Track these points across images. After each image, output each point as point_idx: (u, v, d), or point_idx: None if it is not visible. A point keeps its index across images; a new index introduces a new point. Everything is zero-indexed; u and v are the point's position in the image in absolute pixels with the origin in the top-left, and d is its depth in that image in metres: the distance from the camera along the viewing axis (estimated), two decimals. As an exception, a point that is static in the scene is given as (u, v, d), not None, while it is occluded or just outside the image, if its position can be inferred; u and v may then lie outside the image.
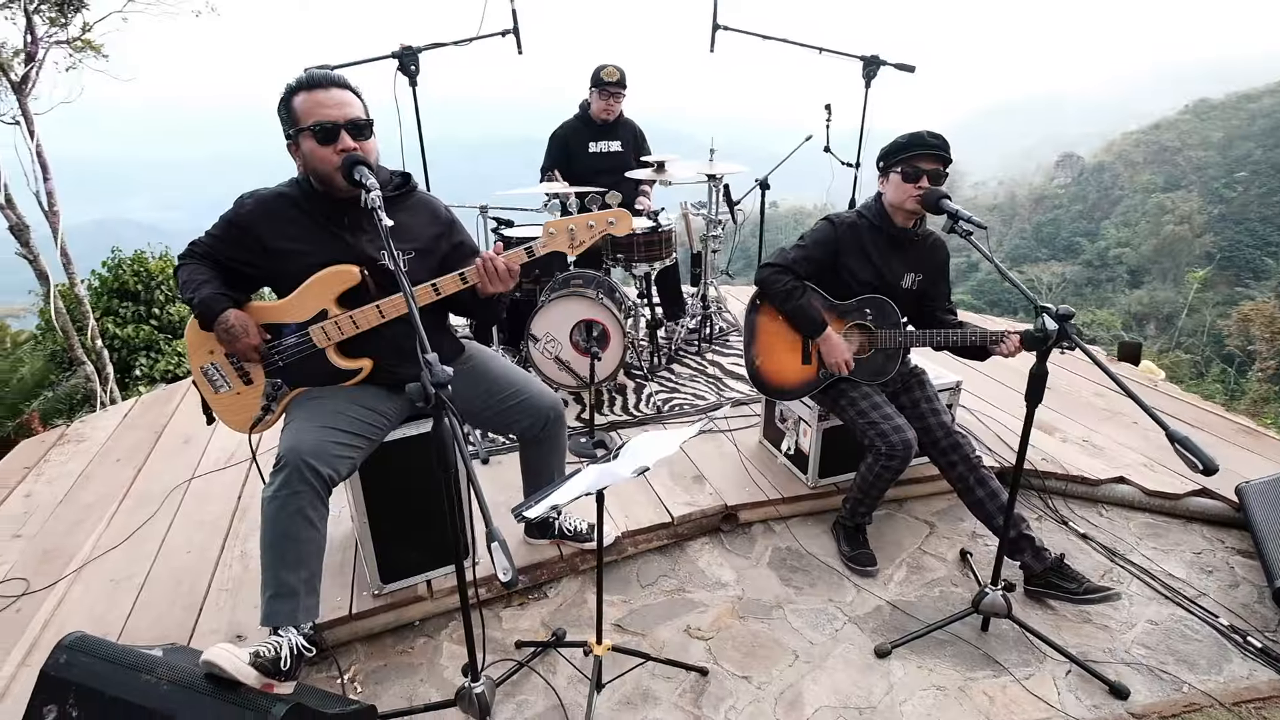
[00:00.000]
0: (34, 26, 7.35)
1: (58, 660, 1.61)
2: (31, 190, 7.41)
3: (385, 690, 2.08)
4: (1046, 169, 61.64)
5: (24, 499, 2.88)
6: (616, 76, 3.82)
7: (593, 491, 1.64)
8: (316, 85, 1.79)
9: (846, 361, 2.45)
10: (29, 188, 7.34)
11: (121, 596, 2.31)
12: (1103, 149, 57.24)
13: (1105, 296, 39.59)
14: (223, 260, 1.94)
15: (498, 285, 1.91)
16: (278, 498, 1.75)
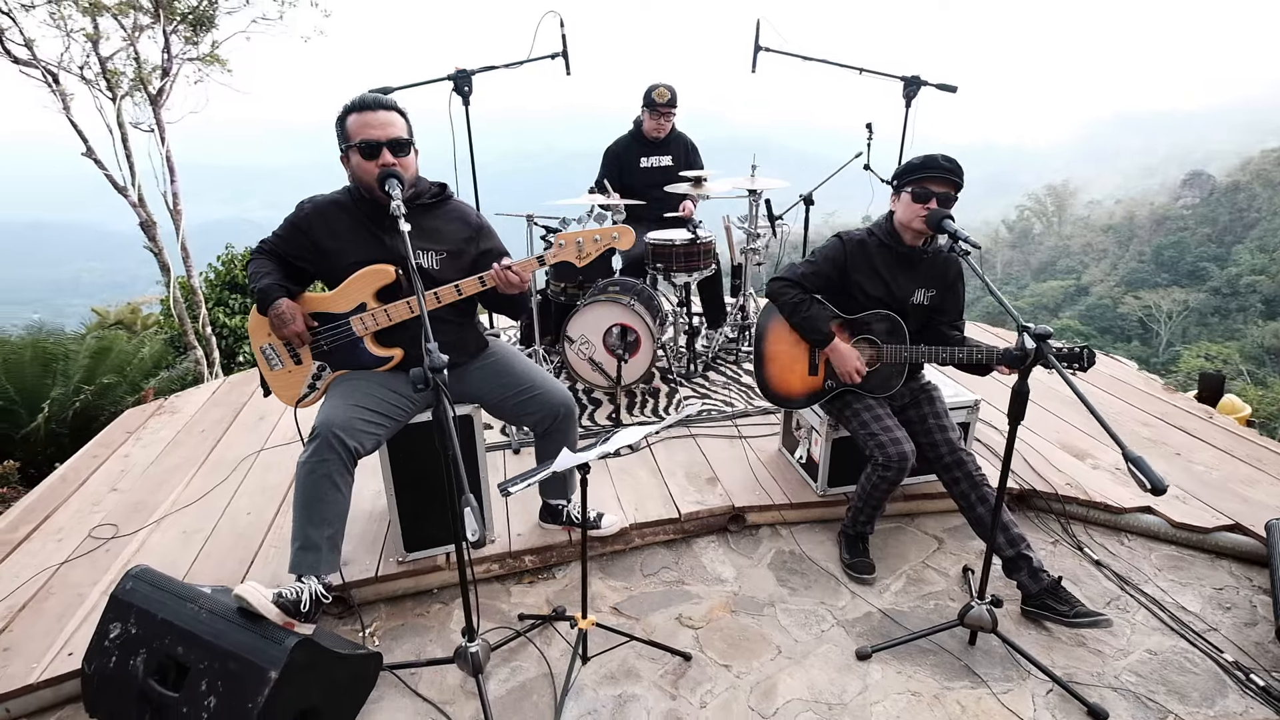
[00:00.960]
0: (170, 45, 8.24)
1: (125, 586, 1.92)
2: (160, 191, 8.28)
3: (399, 645, 2.32)
4: (1171, 188, 57.37)
5: (123, 459, 3.33)
6: (667, 98, 4.01)
7: (561, 470, 1.81)
8: (366, 107, 2.05)
9: (857, 369, 2.52)
10: (158, 189, 8.22)
11: (190, 545, 2.66)
12: (1238, 167, 52.75)
13: (1234, 328, 36.42)
14: (284, 256, 2.24)
15: (511, 290, 2.12)
16: (309, 464, 2.02)
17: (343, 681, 1.94)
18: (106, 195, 8.63)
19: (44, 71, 7.63)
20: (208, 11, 9.00)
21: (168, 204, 8.25)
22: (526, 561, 2.61)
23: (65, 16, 7.68)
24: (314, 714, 1.84)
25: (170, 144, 8.37)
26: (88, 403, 6.62)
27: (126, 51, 8.05)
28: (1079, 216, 55.25)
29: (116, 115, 8.07)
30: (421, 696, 2.11)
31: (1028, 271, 51.11)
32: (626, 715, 2.06)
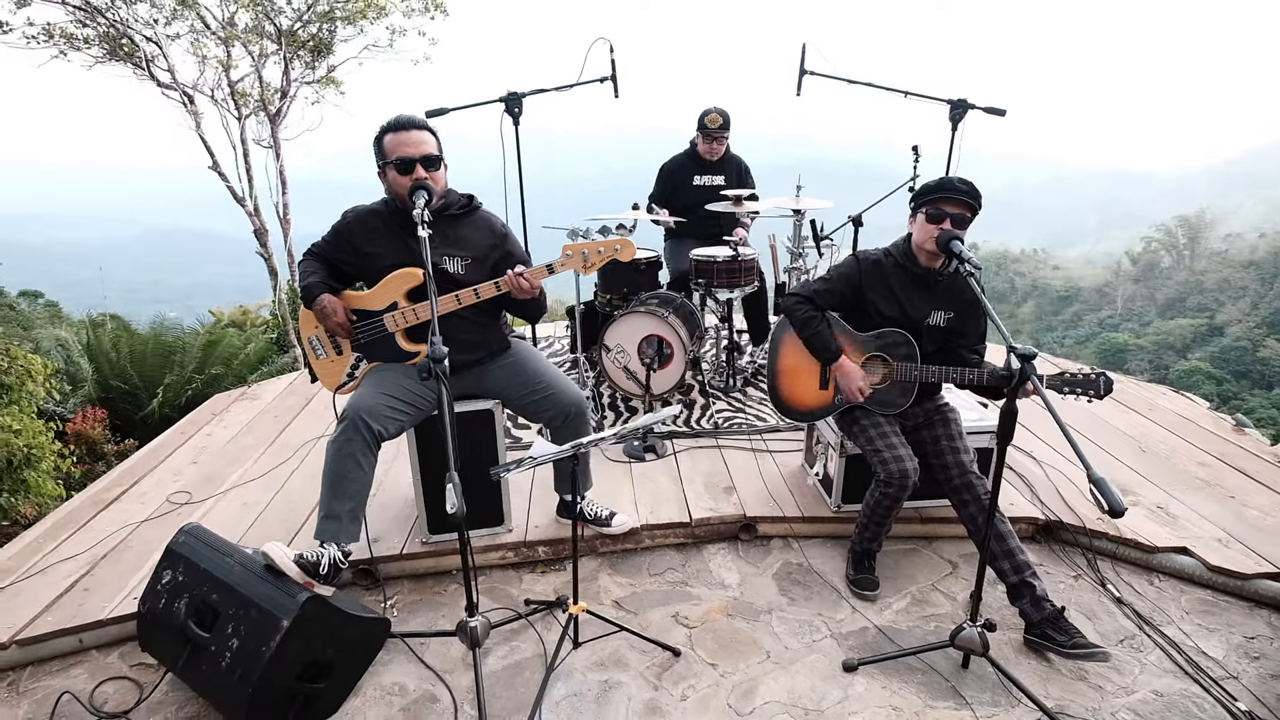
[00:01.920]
0: (289, 70, 9.05)
1: (178, 539, 2.21)
2: (273, 202, 9.08)
3: (414, 617, 2.52)
4: (1327, 223, 52.13)
5: (206, 437, 3.73)
6: (719, 123, 4.14)
7: (545, 460, 1.95)
8: (401, 128, 2.29)
9: (861, 389, 2.56)
10: (271, 200, 9.02)
11: (248, 514, 2.97)
12: (1405, 199, 47.15)
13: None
14: (329, 258, 2.51)
15: (522, 295, 2.31)
16: (337, 443, 2.26)
17: (352, 639, 2.15)
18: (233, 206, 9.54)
19: (182, 94, 8.56)
20: (326, 39, 9.83)
21: (278, 214, 9.02)
22: (540, 552, 2.77)
23: (202, 45, 8.60)
24: (324, 665, 2.05)
25: (285, 159, 9.17)
26: (197, 391, 7.34)
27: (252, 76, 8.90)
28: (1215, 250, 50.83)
29: (240, 133, 8.93)
30: (425, 664, 2.30)
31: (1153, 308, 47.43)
32: (609, 700, 2.17)
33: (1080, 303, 52.30)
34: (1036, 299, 55.11)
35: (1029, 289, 56.73)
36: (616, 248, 2.27)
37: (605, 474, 3.21)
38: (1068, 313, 51.81)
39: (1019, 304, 56.23)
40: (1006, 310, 56.14)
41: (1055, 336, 47.70)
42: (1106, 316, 49.23)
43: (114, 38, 8.16)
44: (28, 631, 2.33)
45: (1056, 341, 45.73)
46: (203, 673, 2.01)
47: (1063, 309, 52.62)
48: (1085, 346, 41.48)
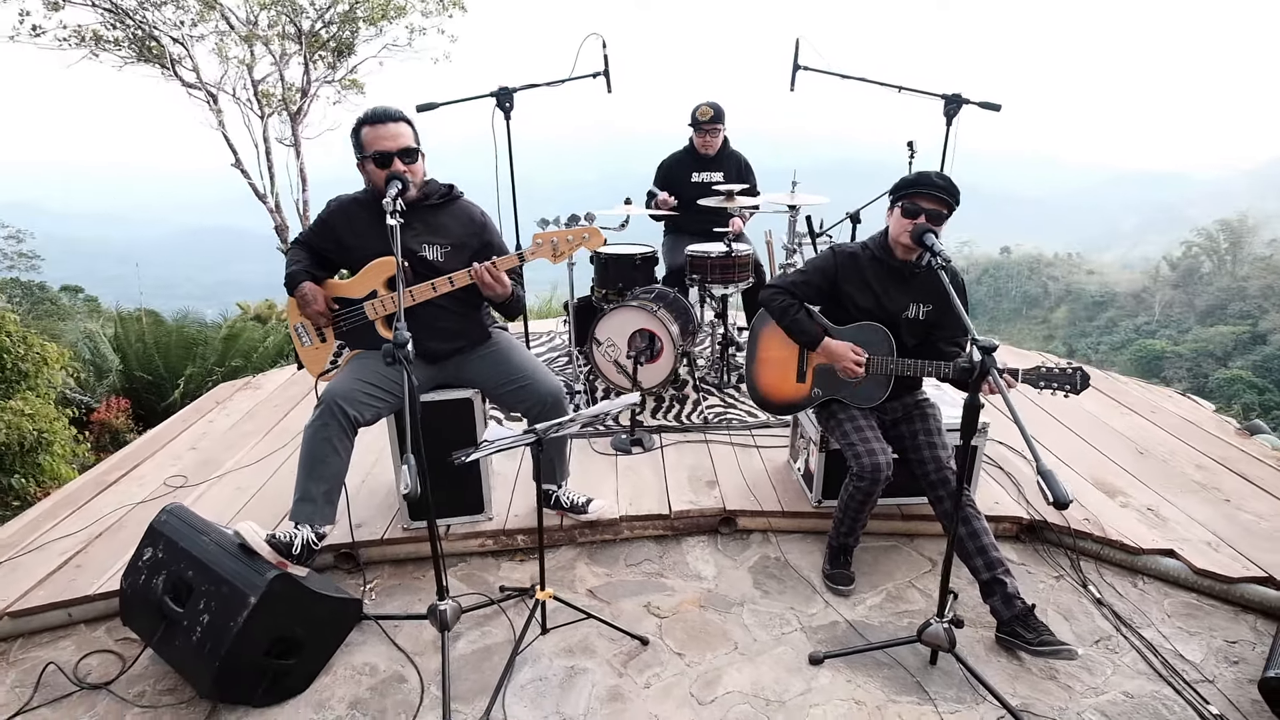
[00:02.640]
0: (310, 70, 9.25)
1: (160, 518, 2.28)
2: (294, 199, 9.28)
3: (391, 601, 2.56)
4: (1382, 229, 50.29)
5: (207, 423, 3.83)
6: (709, 115, 4.15)
7: (503, 447, 1.98)
8: (377, 120, 2.34)
9: (855, 362, 2.50)
10: (291, 196, 9.22)
11: (239, 499, 3.05)
12: None
13: None
14: (315, 247, 2.56)
15: (487, 288, 2.34)
16: (313, 427, 2.31)
17: (321, 618, 2.20)
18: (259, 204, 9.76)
19: (206, 93, 8.79)
20: (348, 40, 10.02)
21: (298, 210, 9.22)
22: (519, 540, 2.80)
23: (226, 46, 8.82)
24: (292, 642, 2.11)
25: (305, 157, 9.37)
26: (217, 382, 7.51)
27: (274, 75, 9.12)
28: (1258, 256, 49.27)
29: (263, 131, 9.15)
30: (397, 645, 2.34)
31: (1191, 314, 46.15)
32: (573, 686, 2.19)
33: (1116, 308, 51.10)
34: (1070, 304, 54.00)
35: (1063, 293, 55.60)
36: (585, 236, 2.29)
37: (590, 465, 3.23)
38: (1103, 318, 50.64)
39: (1052, 309, 55.15)
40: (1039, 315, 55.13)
41: (1090, 342, 46.64)
42: (1143, 323, 47.99)
43: (142, 39, 8.42)
44: (20, 604, 2.42)
45: (1091, 347, 44.69)
46: (176, 646, 2.08)
47: (1098, 314, 51.46)
48: (1121, 353, 40.47)
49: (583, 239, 2.30)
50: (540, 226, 2.48)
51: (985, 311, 58.67)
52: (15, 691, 2.21)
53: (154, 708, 2.12)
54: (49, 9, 7.96)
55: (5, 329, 4.09)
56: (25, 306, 11.14)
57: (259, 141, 9.01)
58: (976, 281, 61.29)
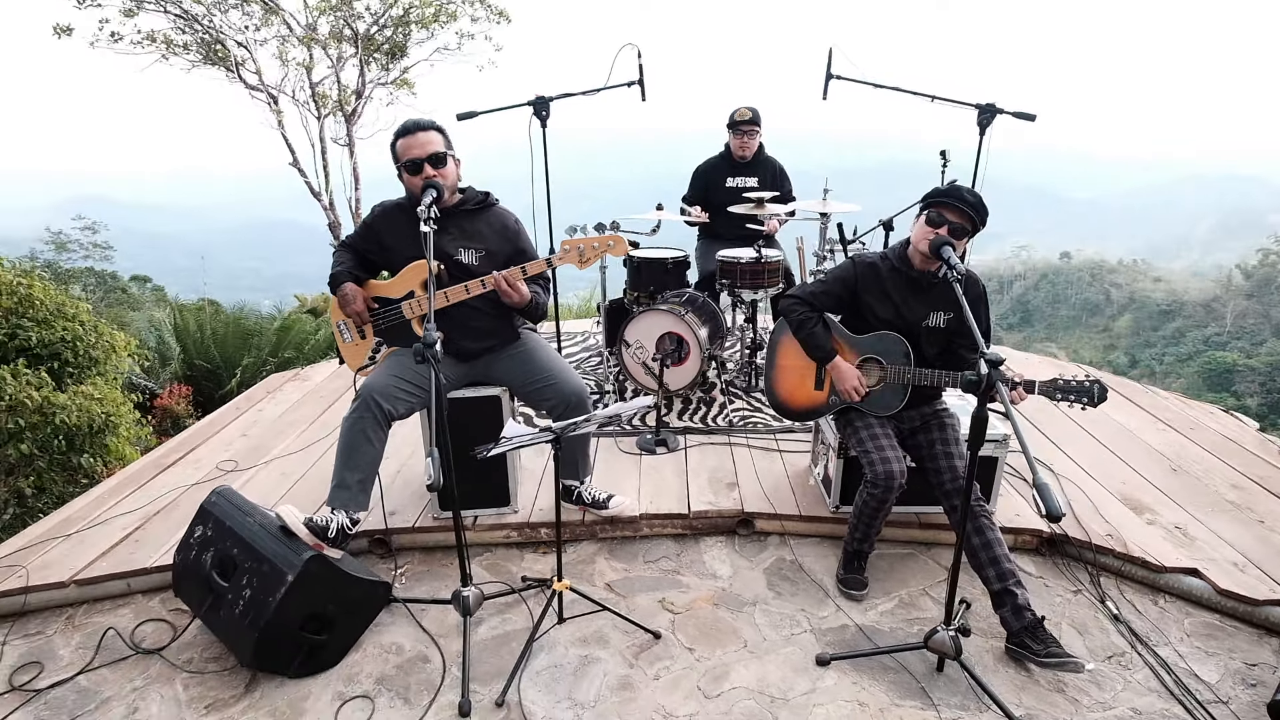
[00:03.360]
0: (364, 72, 9.58)
1: (210, 500, 2.46)
2: (346, 197, 9.62)
3: (418, 585, 2.70)
4: None
5: (258, 412, 4.06)
6: (748, 116, 4.20)
7: (521, 443, 2.08)
8: (409, 132, 2.48)
9: (855, 389, 2.58)
10: (345, 194, 9.57)
11: (284, 483, 3.23)
12: None
13: None
14: (359, 249, 2.72)
15: (505, 295, 2.46)
16: (350, 419, 2.47)
17: (353, 598, 2.34)
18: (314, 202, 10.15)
19: (268, 94, 9.19)
20: (401, 43, 10.33)
21: (351, 208, 9.56)
22: (542, 533, 2.91)
23: (286, 49, 9.20)
24: (325, 619, 2.26)
25: (359, 157, 9.71)
26: (271, 372, 7.86)
27: (331, 78, 9.47)
28: (1323, 264, 46.69)
29: (319, 131, 9.51)
30: (423, 627, 2.47)
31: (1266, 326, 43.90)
32: (586, 674, 2.29)
33: (1184, 318, 48.88)
34: (1134, 312, 51.91)
35: (1126, 301, 53.49)
36: (610, 243, 2.39)
37: (614, 463, 3.33)
38: (1169, 328, 48.51)
39: (1114, 317, 53.09)
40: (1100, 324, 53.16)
41: (1154, 353, 44.77)
42: (1213, 334, 45.79)
43: (209, 43, 8.84)
44: (85, 573, 2.63)
45: (1155, 359, 42.93)
46: (221, 617, 2.25)
47: (1163, 324, 49.32)
48: (1188, 365, 38.77)
49: (608, 246, 2.39)
50: (568, 233, 2.58)
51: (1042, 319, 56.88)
52: (79, 652, 2.41)
53: (200, 674, 2.30)
54: (125, 15, 8.45)
55: (79, 318, 4.39)
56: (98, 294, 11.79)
57: (315, 141, 9.38)
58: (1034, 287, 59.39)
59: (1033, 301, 58.90)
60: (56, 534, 2.91)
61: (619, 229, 2.38)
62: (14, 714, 2.19)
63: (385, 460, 2.61)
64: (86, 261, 12.85)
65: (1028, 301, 58.97)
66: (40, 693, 2.25)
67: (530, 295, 2.53)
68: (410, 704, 2.19)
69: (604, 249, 2.40)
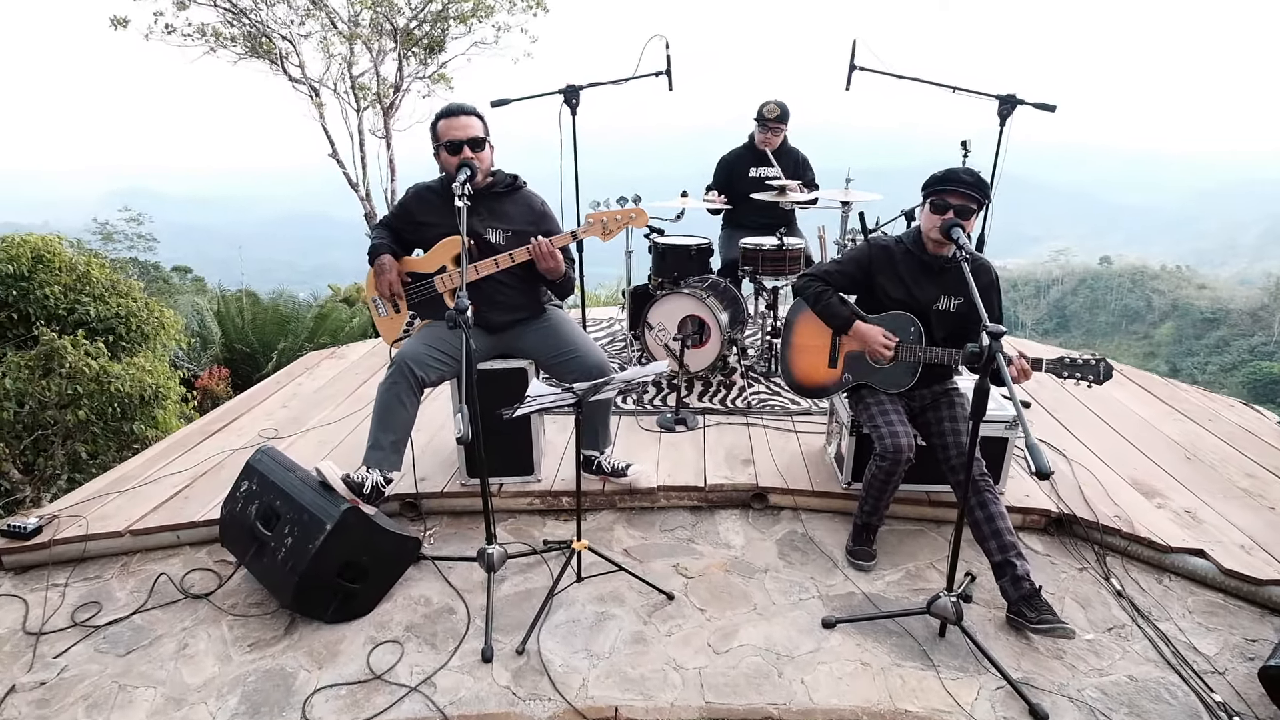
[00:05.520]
0: (403, 66, 9.82)
1: (256, 457, 2.63)
2: (383, 189, 9.88)
3: (446, 545, 2.86)
4: None
5: (297, 385, 4.26)
6: (776, 114, 4.29)
7: (544, 404, 2.21)
8: (451, 114, 2.62)
9: (884, 345, 2.62)
10: (381, 186, 9.82)
11: (322, 450, 3.41)
12: None
13: None
14: (395, 227, 2.88)
15: (546, 261, 2.59)
16: (386, 384, 2.63)
17: (385, 550, 2.50)
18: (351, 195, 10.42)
19: (310, 87, 9.47)
20: (439, 38, 10.56)
21: (386, 200, 9.81)
22: (564, 502, 3.05)
23: (329, 43, 9.48)
24: (359, 568, 2.41)
25: (395, 149, 9.97)
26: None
27: (371, 71, 9.73)
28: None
29: (358, 124, 9.79)
30: (449, 583, 2.62)
31: (1314, 334, 42.61)
32: (602, 629, 2.42)
33: (1229, 326, 47.51)
34: (1177, 320, 50.58)
35: (1168, 309, 52.13)
36: (631, 215, 2.52)
37: (634, 439, 3.45)
38: (1213, 337, 47.18)
39: (1156, 324, 51.81)
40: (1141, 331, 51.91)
41: (1197, 362, 43.60)
42: (1260, 343, 44.43)
43: (255, 36, 9.15)
44: (139, 525, 2.83)
45: (1198, 367, 41.81)
46: (264, 564, 2.42)
47: (1207, 333, 47.98)
48: (1232, 374, 37.71)
49: (630, 218, 2.52)
50: (592, 207, 2.71)
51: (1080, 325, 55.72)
52: (134, 595, 2.60)
53: (244, 617, 2.47)
54: (177, 8, 8.78)
55: (133, 295, 4.64)
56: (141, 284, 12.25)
57: (354, 133, 9.66)
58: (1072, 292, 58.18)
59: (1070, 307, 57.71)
60: (113, 490, 3.11)
61: (640, 202, 2.49)
62: (76, 646, 2.38)
63: (416, 433, 2.77)
64: (131, 252, 13.32)
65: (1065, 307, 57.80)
66: (99, 629, 2.45)
67: (565, 268, 2.66)
68: (437, 650, 2.33)
69: (626, 221, 2.53)
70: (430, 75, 10.95)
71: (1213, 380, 36.37)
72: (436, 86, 11.14)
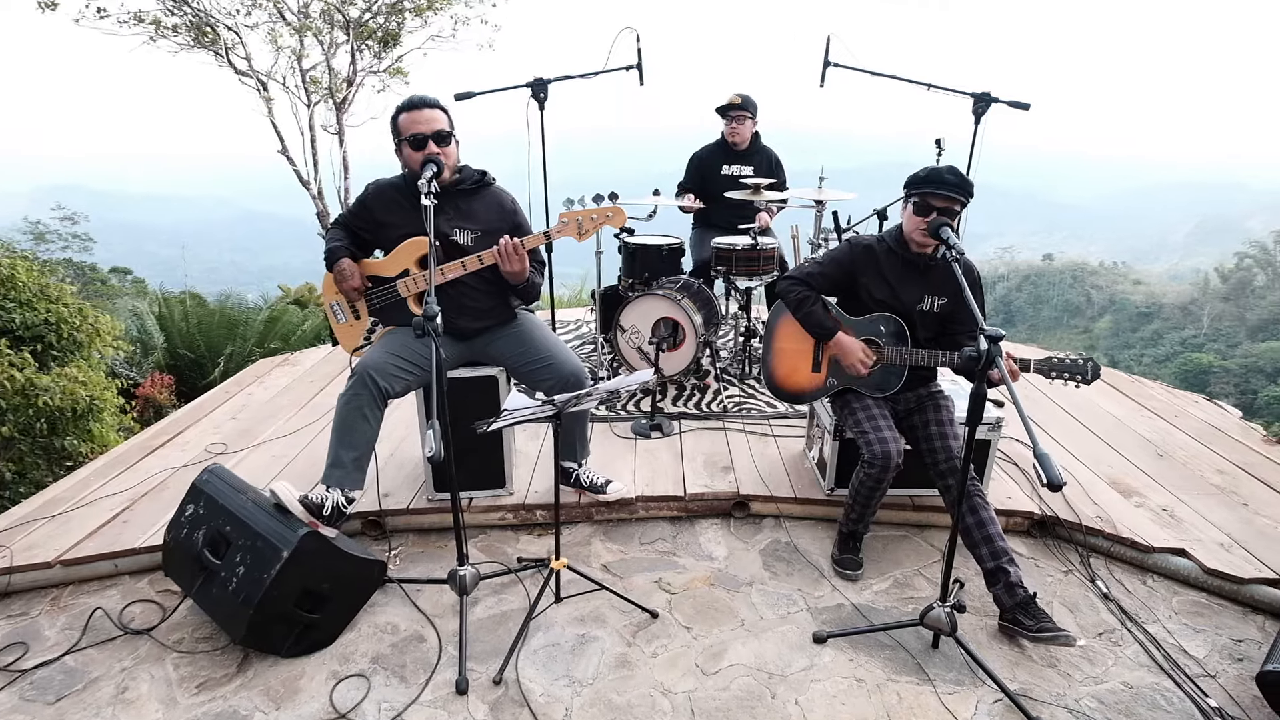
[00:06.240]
0: (356, 60, 9.47)
1: (202, 478, 2.43)
2: (336, 186, 9.52)
3: (414, 567, 2.69)
4: None
5: (247, 396, 4.01)
6: (737, 101, 4.21)
7: (522, 417, 2.07)
8: (414, 107, 2.46)
9: (862, 360, 2.58)
10: (334, 184, 9.46)
11: (275, 466, 3.20)
12: None
13: None
14: (353, 227, 2.69)
15: (510, 264, 2.44)
16: (346, 396, 2.44)
17: (347, 576, 2.32)
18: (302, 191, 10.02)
19: (257, 80, 9.07)
20: (394, 31, 10.22)
21: (340, 198, 9.45)
22: (538, 515, 2.90)
23: (278, 34, 9.08)
24: (320, 597, 2.23)
25: (349, 145, 9.61)
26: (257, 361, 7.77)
27: (322, 65, 9.35)
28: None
29: (309, 119, 9.40)
30: (418, 607, 2.46)
31: (1242, 329, 44.65)
32: (584, 652, 2.29)
33: (1162, 320, 49.69)
34: (1114, 314, 52.66)
35: (1106, 303, 54.25)
36: (608, 214, 2.38)
37: (609, 448, 3.32)
38: (1147, 330, 49.29)
39: (1094, 319, 53.81)
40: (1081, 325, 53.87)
41: (1133, 354, 45.47)
42: (1190, 336, 46.60)
43: (198, 26, 8.71)
44: (71, 554, 2.59)
45: (1134, 359, 43.57)
46: (213, 595, 2.22)
47: (1142, 326, 50.12)
48: (1165, 366, 39.37)
49: (606, 217, 2.39)
50: (565, 206, 2.57)
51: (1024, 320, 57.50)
52: (65, 633, 2.37)
53: (191, 653, 2.27)
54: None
55: (64, 300, 4.31)
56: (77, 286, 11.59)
57: (305, 129, 9.26)
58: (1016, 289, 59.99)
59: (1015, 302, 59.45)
60: (41, 515, 2.86)
61: (617, 199, 2.36)
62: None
63: (379, 443, 2.59)
64: (65, 253, 12.63)
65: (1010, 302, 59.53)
66: (25, 673, 2.21)
67: (529, 274, 2.52)
68: (407, 682, 2.17)
69: (602, 220, 2.40)
70: (385, 69, 10.59)
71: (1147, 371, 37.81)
72: (392, 81, 10.79)
